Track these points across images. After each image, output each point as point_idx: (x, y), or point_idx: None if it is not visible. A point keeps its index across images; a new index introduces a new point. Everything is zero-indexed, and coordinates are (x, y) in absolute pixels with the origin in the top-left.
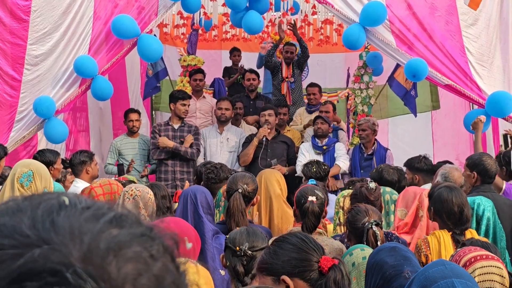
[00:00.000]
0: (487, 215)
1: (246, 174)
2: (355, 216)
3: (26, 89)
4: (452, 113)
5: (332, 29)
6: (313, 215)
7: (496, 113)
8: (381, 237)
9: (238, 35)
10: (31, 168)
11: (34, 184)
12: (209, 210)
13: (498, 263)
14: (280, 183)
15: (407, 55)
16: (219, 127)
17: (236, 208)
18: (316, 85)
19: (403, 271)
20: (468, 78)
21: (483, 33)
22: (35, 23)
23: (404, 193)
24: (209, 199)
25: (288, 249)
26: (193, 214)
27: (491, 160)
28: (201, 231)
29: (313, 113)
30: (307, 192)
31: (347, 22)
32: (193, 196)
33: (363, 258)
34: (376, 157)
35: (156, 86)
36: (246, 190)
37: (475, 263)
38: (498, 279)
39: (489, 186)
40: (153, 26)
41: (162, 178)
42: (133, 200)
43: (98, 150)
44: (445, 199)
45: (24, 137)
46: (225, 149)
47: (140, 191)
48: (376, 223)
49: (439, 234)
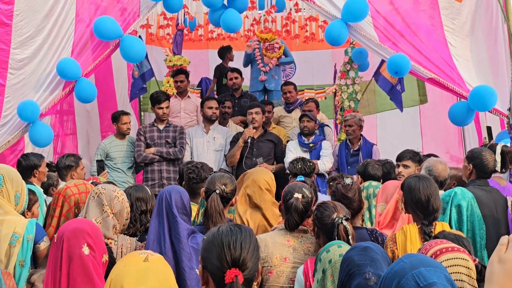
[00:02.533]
0: (463, 205)
1: (225, 175)
2: (323, 212)
3: (10, 93)
4: (440, 107)
5: (317, 26)
6: (296, 212)
7: (478, 107)
8: (351, 231)
9: (224, 34)
10: (1, 172)
11: (5, 187)
12: (184, 210)
13: (464, 254)
14: (271, 185)
15: (390, 50)
16: (205, 126)
17: (214, 209)
18: (290, 83)
19: (365, 271)
20: (454, 71)
21: (465, 26)
22: (18, 27)
23: (383, 188)
24: (184, 199)
25: (215, 246)
26: (167, 214)
27: (490, 156)
28: (175, 231)
29: (292, 112)
30: (294, 189)
31: (329, 18)
32: (168, 196)
33: (340, 255)
34: (362, 153)
35: (142, 87)
36: (224, 190)
37: (441, 256)
38: (464, 271)
39: (485, 181)
40: (135, 27)
41: (149, 178)
42: (98, 198)
43: (86, 152)
44: (412, 188)
45: (9, 142)
46: (212, 148)
47: (106, 189)
48: (346, 218)
49: (406, 228)
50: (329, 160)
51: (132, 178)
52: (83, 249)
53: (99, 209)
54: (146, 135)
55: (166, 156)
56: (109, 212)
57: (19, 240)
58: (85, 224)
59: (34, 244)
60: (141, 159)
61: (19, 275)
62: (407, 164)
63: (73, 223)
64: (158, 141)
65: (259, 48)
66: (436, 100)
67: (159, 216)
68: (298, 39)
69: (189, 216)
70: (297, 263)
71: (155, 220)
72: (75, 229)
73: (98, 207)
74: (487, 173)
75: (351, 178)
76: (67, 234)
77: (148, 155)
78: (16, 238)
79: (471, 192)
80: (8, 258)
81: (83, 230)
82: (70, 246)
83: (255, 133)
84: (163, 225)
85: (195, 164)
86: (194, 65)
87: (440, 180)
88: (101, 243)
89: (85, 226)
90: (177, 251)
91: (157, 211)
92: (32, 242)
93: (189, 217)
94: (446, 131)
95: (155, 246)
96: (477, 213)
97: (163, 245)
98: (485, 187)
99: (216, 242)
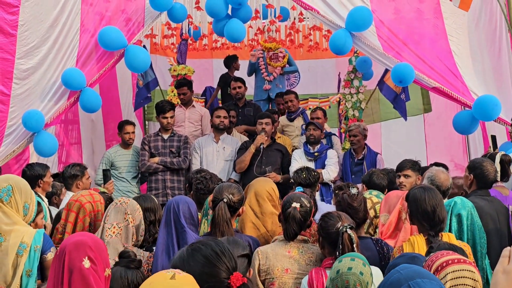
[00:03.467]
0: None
1: (232, 184)
2: (328, 222)
3: (15, 103)
4: (444, 116)
5: (321, 35)
6: (295, 221)
7: (483, 117)
8: (356, 240)
9: (228, 43)
10: (10, 182)
11: (13, 198)
12: (192, 221)
13: (470, 266)
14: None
15: (394, 59)
16: (215, 136)
17: (221, 218)
18: (292, 92)
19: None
20: (459, 80)
21: (469, 34)
22: (22, 37)
23: (386, 199)
24: (192, 210)
25: (200, 261)
26: (175, 224)
27: (491, 167)
28: (184, 241)
29: (294, 120)
30: (292, 199)
31: (333, 28)
32: (176, 206)
33: (349, 268)
34: (366, 162)
35: (147, 96)
36: (231, 200)
37: (447, 268)
38: (471, 283)
39: (486, 191)
40: (140, 37)
41: (153, 187)
42: (120, 206)
43: (91, 162)
44: (418, 198)
45: (14, 151)
46: (221, 157)
47: (130, 200)
48: (351, 227)
49: (413, 239)
50: (334, 169)
51: (136, 188)
52: (84, 262)
53: (121, 216)
54: (151, 145)
55: (170, 166)
56: (130, 221)
57: (26, 250)
58: (87, 237)
59: (41, 255)
60: (145, 168)
61: (25, 285)
62: (408, 173)
63: (76, 236)
64: (163, 150)
65: (263, 57)
66: (441, 108)
67: (167, 227)
68: (302, 48)
69: (197, 226)
70: (300, 274)
71: (163, 231)
72: (76, 242)
73: (120, 214)
74: (488, 184)
75: (356, 188)
76: (68, 247)
77: (152, 164)
78: (23, 248)
79: (471, 202)
80: (15, 267)
81: (84, 243)
82: (71, 259)
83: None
84: (172, 235)
85: (204, 175)
86: (199, 75)
87: (442, 190)
88: (104, 256)
89: (87, 239)
90: None
91: (165, 221)
92: (39, 252)
93: (196, 227)
94: (451, 139)
95: (163, 257)
96: (477, 222)
97: (172, 255)
98: (486, 197)
99: (211, 259)
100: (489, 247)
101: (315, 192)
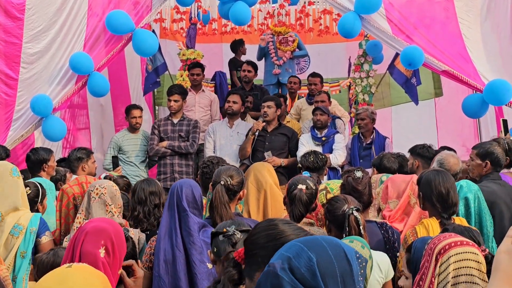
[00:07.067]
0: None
1: (231, 167)
2: (334, 205)
3: (23, 87)
4: (456, 100)
5: (331, 19)
6: (301, 203)
7: (494, 101)
8: (362, 222)
9: (237, 28)
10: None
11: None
12: (195, 204)
13: (473, 248)
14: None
15: (403, 42)
16: (229, 121)
17: (219, 201)
18: (318, 75)
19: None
20: (469, 64)
21: (480, 18)
22: (30, 21)
23: (392, 184)
24: (196, 194)
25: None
26: (178, 208)
27: (500, 149)
28: (186, 225)
29: (313, 104)
30: (298, 181)
31: (342, 11)
32: (180, 190)
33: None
34: (375, 146)
35: (156, 81)
36: (229, 182)
37: (450, 250)
38: (474, 265)
39: (498, 175)
40: (147, 21)
41: (161, 171)
42: (99, 199)
43: (100, 146)
44: (432, 180)
45: (22, 136)
46: (236, 142)
47: (105, 187)
48: (357, 209)
49: (427, 222)
50: (341, 154)
51: (145, 172)
52: (100, 250)
53: (103, 211)
54: (160, 129)
55: (178, 150)
56: (114, 212)
57: (22, 231)
58: (110, 226)
59: (36, 237)
60: (153, 152)
61: (19, 266)
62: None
63: (98, 221)
64: (171, 134)
65: (273, 41)
66: (452, 93)
67: (171, 210)
68: (312, 32)
69: (200, 210)
70: None
71: (166, 214)
72: (97, 227)
73: (101, 209)
74: (501, 167)
75: (362, 171)
76: (88, 230)
77: (160, 148)
78: (19, 230)
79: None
80: (8, 248)
81: (105, 230)
82: (87, 242)
83: (269, 126)
84: (174, 219)
85: (211, 160)
86: (208, 59)
87: (452, 174)
88: (121, 254)
89: (108, 226)
90: (188, 244)
91: (168, 205)
92: (34, 235)
93: (200, 211)
94: (462, 124)
95: (166, 240)
96: (484, 205)
97: (174, 239)
98: (498, 181)
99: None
100: (502, 231)
101: (322, 176)
